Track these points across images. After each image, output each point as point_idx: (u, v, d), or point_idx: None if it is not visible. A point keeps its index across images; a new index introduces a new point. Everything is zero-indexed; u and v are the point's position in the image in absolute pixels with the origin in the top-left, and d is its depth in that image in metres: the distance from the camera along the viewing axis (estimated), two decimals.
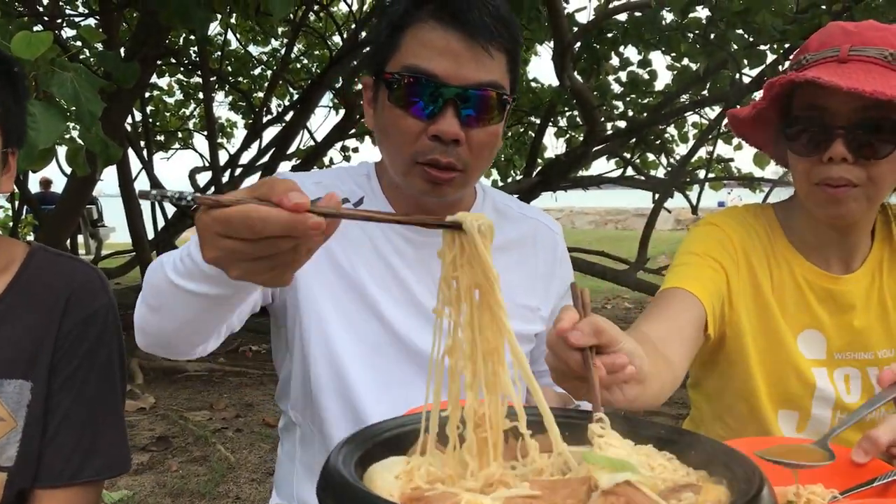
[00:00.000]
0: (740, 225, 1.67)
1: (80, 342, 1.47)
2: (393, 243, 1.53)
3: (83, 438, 1.47)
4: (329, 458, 0.81)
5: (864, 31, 1.50)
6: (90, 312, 1.48)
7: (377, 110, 1.47)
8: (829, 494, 1.16)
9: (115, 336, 1.52)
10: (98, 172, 2.94)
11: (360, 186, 1.57)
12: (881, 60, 1.46)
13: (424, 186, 1.43)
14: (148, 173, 8.92)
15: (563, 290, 1.67)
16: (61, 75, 2.38)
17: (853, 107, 1.45)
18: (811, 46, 1.56)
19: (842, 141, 1.45)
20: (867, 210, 1.55)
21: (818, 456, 1.22)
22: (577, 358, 0.98)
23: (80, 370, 1.47)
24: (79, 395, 1.47)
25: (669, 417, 4.72)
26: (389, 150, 1.47)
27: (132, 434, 4.88)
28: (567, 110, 8.66)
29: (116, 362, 1.52)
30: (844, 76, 1.42)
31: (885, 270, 1.65)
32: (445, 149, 1.39)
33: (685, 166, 8.42)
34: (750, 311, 1.63)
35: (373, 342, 1.50)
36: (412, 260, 1.53)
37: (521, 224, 1.65)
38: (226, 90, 10.84)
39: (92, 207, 15.14)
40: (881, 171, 1.48)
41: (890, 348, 1.63)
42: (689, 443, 0.94)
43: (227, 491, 4.08)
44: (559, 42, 4.59)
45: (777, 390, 1.64)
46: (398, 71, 1.39)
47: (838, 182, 1.47)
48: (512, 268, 1.60)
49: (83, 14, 5.93)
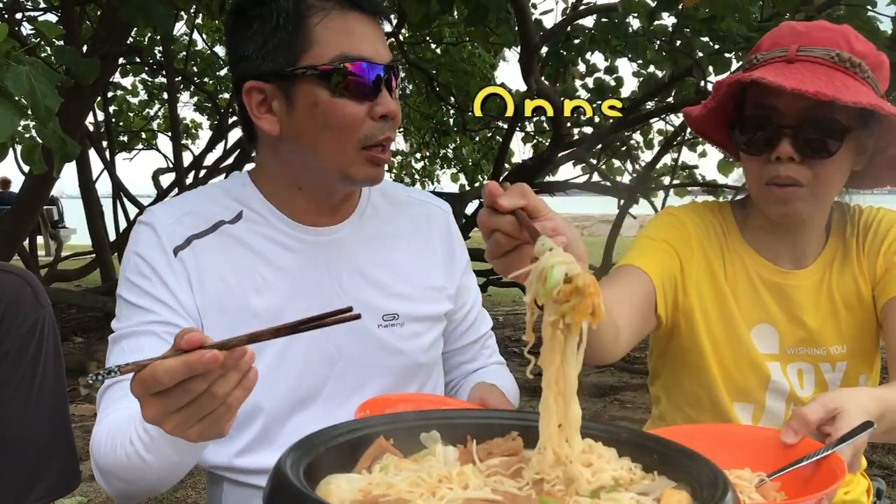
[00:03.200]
0: (698, 216, 1.71)
1: (18, 362, 1.35)
2: (287, 250, 1.49)
3: (29, 462, 1.37)
4: (277, 465, 0.78)
5: (813, 32, 1.53)
6: (25, 330, 1.36)
7: (297, 110, 1.40)
8: (757, 478, 1.13)
9: (53, 347, 1.40)
10: (56, 171, 2.86)
11: (237, 200, 1.50)
12: (827, 61, 1.48)
13: (370, 171, 1.43)
14: (110, 174, 8.79)
15: (464, 265, 1.68)
16: (16, 69, 2.32)
17: (800, 107, 1.47)
18: (763, 46, 1.59)
19: (789, 140, 1.48)
20: (815, 209, 1.58)
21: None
22: (511, 221, 0.97)
23: (20, 391, 1.35)
24: (21, 417, 1.35)
25: (634, 422, 4.73)
26: (328, 145, 1.41)
27: (88, 438, 4.76)
28: (534, 116, 8.68)
29: (58, 374, 1.41)
30: (790, 76, 1.44)
31: (836, 268, 1.66)
32: (390, 127, 1.42)
33: (650, 172, 8.49)
34: (706, 299, 1.65)
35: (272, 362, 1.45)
36: (310, 264, 1.49)
37: (413, 208, 1.65)
38: (191, 91, 10.73)
39: (52, 208, 14.91)
40: (827, 171, 1.51)
41: (840, 344, 1.65)
42: (651, 447, 0.93)
43: (185, 497, 4.01)
44: (526, 45, 4.59)
45: (733, 382, 1.65)
46: (331, 62, 1.36)
47: (785, 181, 1.50)
48: (412, 252, 1.60)
49: (44, 9, 5.82)
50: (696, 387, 1.68)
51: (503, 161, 8.65)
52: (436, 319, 1.62)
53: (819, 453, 1.15)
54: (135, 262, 1.44)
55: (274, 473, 0.77)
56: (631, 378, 6.46)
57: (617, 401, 5.87)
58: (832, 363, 1.65)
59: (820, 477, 1.12)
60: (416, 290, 1.57)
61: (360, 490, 0.81)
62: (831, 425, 1.22)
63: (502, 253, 0.99)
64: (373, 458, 0.91)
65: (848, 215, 1.70)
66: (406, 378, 1.56)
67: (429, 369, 1.61)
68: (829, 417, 1.23)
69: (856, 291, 1.65)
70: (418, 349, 1.56)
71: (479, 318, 1.73)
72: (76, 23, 5.56)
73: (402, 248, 1.59)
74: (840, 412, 1.22)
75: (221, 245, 1.46)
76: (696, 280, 1.65)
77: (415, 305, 1.56)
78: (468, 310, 1.69)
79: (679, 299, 1.64)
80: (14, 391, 1.35)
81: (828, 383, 1.66)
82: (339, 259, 1.51)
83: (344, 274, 1.51)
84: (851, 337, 1.65)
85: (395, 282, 1.55)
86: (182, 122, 10.86)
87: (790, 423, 1.22)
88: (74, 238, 15.86)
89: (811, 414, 1.22)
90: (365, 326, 1.49)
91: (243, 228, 1.48)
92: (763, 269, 1.66)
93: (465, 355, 1.73)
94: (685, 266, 1.64)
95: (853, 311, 1.65)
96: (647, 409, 2.03)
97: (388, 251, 1.57)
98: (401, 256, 1.57)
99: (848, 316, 1.65)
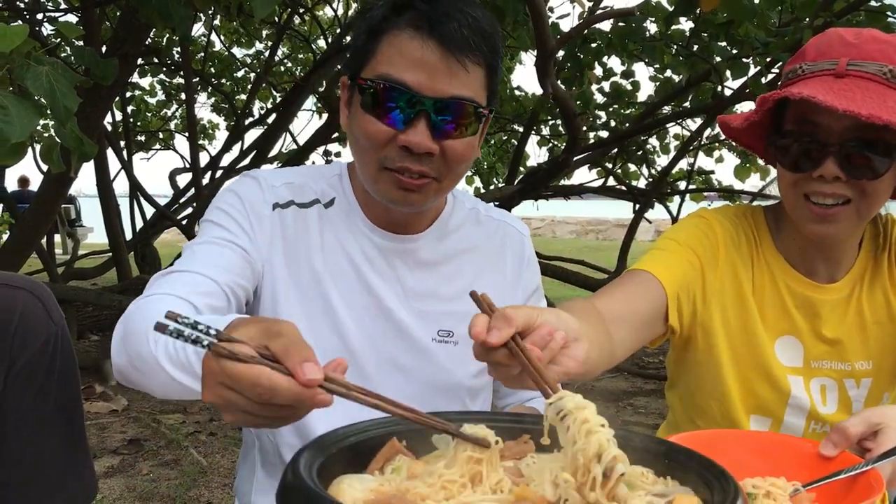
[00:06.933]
0: (729, 221, 1.64)
1: (31, 381, 1.31)
2: (363, 250, 1.50)
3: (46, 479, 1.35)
4: (289, 464, 0.78)
5: (864, 44, 1.43)
6: (38, 348, 1.31)
7: (351, 113, 1.44)
8: (791, 487, 1.12)
9: (66, 363, 1.36)
10: (74, 170, 2.88)
11: (332, 187, 1.54)
12: (880, 77, 1.40)
13: (394, 193, 1.41)
14: (127, 173, 8.83)
15: (531, 291, 1.65)
16: (36, 69, 2.33)
17: (847, 125, 1.39)
18: (808, 55, 1.50)
19: (833, 159, 1.41)
20: (856, 227, 1.52)
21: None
22: (505, 353, 0.98)
23: (34, 409, 1.32)
24: (36, 435, 1.33)
25: (647, 427, 4.71)
26: (359, 155, 1.44)
27: (103, 437, 4.81)
28: (550, 119, 8.67)
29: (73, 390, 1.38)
30: (840, 95, 1.37)
31: (867, 283, 1.62)
32: (417, 159, 1.37)
33: (666, 177, 8.46)
34: (729, 310, 1.60)
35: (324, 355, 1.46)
36: (382, 267, 1.51)
37: (489, 227, 1.63)
38: (208, 91, 10.77)
39: (70, 207, 14.99)
40: (875, 188, 1.44)
41: (866, 360, 1.61)
42: (665, 453, 0.93)
43: (199, 496, 4.02)
44: (542, 48, 4.58)
45: (749, 396, 1.62)
46: (372, 78, 1.37)
47: (829, 198, 1.43)
48: (480, 272, 1.58)
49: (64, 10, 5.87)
50: (710, 399, 1.65)
51: (518, 164, 8.65)
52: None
53: (858, 468, 1.13)
54: (231, 199, 1.48)
55: (286, 473, 0.77)
56: (644, 383, 6.44)
57: (630, 406, 5.85)
58: (857, 379, 1.61)
59: (857, 492, 1.10)
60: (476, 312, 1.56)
61: (373, 490, 0.81)
62: (873, 440, 1.20)
63: (514, 379, 1.01)
64: (385, 458, 0.91)
65: (880, 227, 1.65)
66: (449, 396, 1.54)
67: (474, 393, 1.59)
68: (871, 432, 1.21)
69: (886, 306, 1.61)
70: (467, 372, 1.55)
71: None
72: (96, 23, 5.59)
73: (472, 266, 1.57)
74: (883, 428, 1.20)
75: (314, 221, 1.50)
76: (719, 290, 1.60)
77: None
78: None
79: (698, 310, 1.59)
80: (27, 411, 1.32)
81: (851, 400, 1.61)
82: (408, 268, 1.52)
83: (410, 282, 1.52)
84: (879, 353, 1.61)
85: (456, 299, 1.54)
86: (199, 123, 10.90)
87: (830, 436, 1.20)
88: (91, 237, 15.95)
89: (852, 427, 1.20)
90: (419, 337, 1.50)
91: (333, 215, 1.51)
92: (793, 281, 1.60)
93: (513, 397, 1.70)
94: (707, 275, 1.59)
95: (882, 327, 1.60)
96: (660, 414, 2.02)
97: (457, 267, 1.56)
98: (468, 275, 1.56)
99: (877, 331, 1.60)
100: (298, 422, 1.45)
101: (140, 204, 9.70)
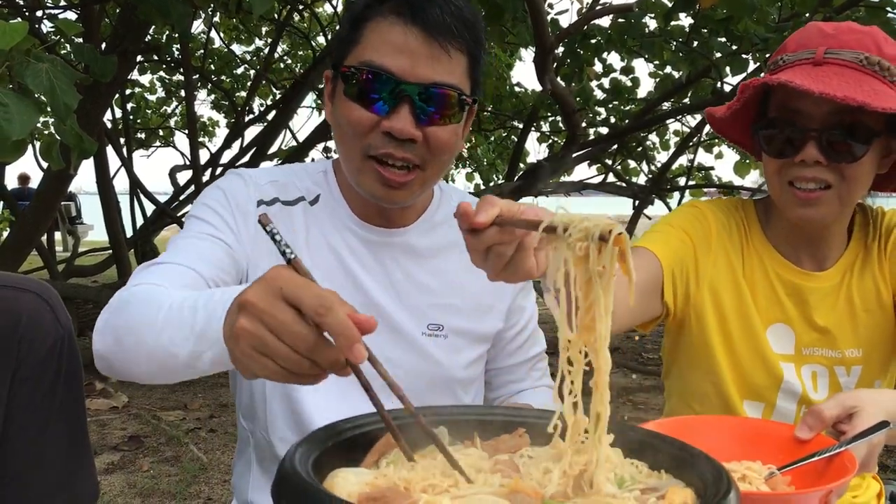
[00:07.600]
0: (721, 212, 1.69)
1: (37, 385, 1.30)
2: (350, 245, 1.51)
3: (49, 482, 1.35)
4: (284, 458, 0.79)
5: (841, 34, 1.50)
6: (45, 352, 1.29)
7: (335, 103, 1.45)
8: (767, 470, 1.14)
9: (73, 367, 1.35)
10: (73, 167, 2.89)
11: (316, 184, 1.55)
12: (856, 64, 1.46)
13: (378, 189, 1.41)
14: (127, 170, 8.82)
15: (518, 286, 1.65)
16: (36, 66, 2.34)
17: (826, 110, 1.45)
18: (789, 47, 1.56)
19: (814, 143, 1.46)
20: (838, 212, 1.56)
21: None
22: (496, 231, 0.97)
23: (39, 412, 1.31)
24: (40, 438, 1.32)
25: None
26: (343, 144, 1.45)
27: (104, 433, 4.82)
28: (550, 115, 8.66)
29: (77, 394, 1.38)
30: (817, 80, 1.43)
31: (856, 271, 1.65)
32: (401, 146, 1.37)
33: (666, 173, 8.46)
34: (722, 296, 1.64)
35: None
36: (369, 262, 1.51)
37: None
38: (208, 89, 10.77)
39: (70, 204, 15.01)
40: (854, 173, 1.49)
41: (857, 347, 1.64)
42: (657, 446, 0.93)
43: (199, 492, 4.03)
44: (541, 44, 4.58)
45: (743, 380, 1.65)
46: (355, 65, 1.38)
47: (809, 182, 1.49)
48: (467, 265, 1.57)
49: (63, 7, 5.87)
50: (705, 383, 1.68)
51: (518, 161, 8.64)
52: (480, 337, 1.61)
53: (832, 450, 1.15)
54: (216, 195, 1.48)
55: (282, 466, 0.78)
56: (644, 379, 6.44)
57: (630, 402, 5.86)
58: (847, 366, 1.64)
59: (831, 473, 1.12)
60: (465, 305, 1.57)
61: (368, 483, 0.82)
62: (847, 423, 1.22)
63: (507, 262, 0.99)
64: (380, 452, 0.92)
65: (870, 218, 1.69)
66: (441, 390, 1.55)
67: (466, 385, 1.60)
68: (846, 415, 1.23)
69: (875, 295, 1.64)
70: (458, 364, 1.56)
71: (532, 340, 1.70)
72: (95, 20, 5.59)
73: (459, 260, 1.55)
74: (857, 410, 1.22)
75: (300, 218, 1.50)
76: (712, 275, 1.64)
77: (461, 319, 1.56)
78: (519, 330, 1.67)
79: (691, 291, 1.63)
80: (33, 413, 1.31)
81: (842, 387, 1.64)
82: (396, 261, 1.53)
83: (397, 275, 1.52)
84: (868, 341, 1.64)
85: (445, 292, 1.55)
86: (199, 120, 10.91)
87: (805, 419, 1.22)
88: (91, 234, 15.95)
89: (827, 410, 1.22)
90: (409, 331, 1.51)
91: (318, 211, 1.52)
92: (783, 270, 1.65)
93: (513, 375, 1.72)
94: (700, 258, 1.63)
95: (872, 315, 1.64)
96: (660, 410, 2.03)
97: (445, 262, 1.57)
98: (455, 268, 1.56)
99: (866, 319, 1.64)
100: (292, 417, 1.47)
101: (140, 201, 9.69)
